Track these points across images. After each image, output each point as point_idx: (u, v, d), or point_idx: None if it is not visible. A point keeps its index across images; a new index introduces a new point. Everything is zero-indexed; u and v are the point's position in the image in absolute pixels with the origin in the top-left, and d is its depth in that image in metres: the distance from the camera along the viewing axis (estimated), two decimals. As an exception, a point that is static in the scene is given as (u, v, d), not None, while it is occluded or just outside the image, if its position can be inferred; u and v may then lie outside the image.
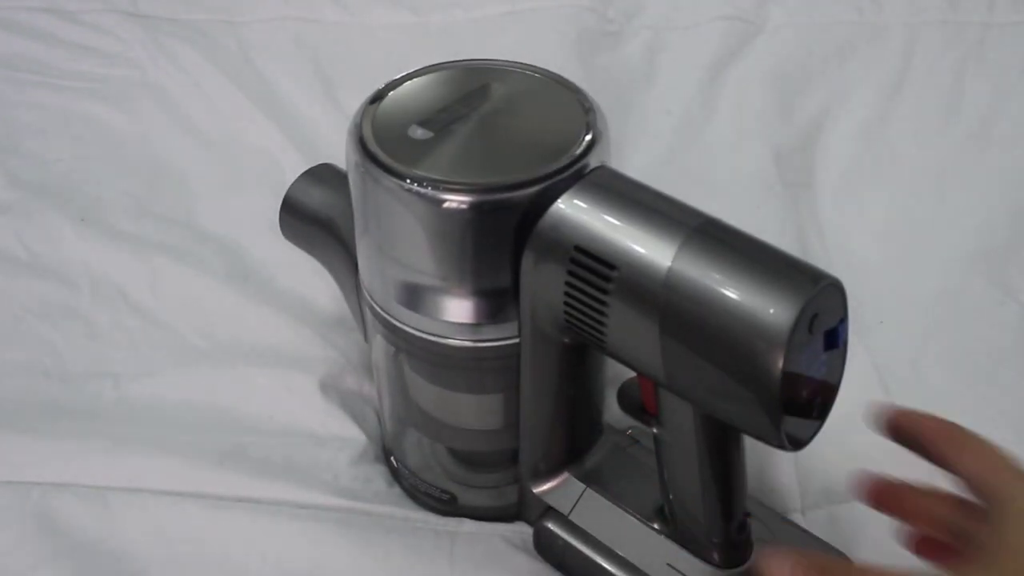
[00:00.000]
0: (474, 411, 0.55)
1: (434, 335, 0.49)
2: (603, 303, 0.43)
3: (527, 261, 0.45)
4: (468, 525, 0.57)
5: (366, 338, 0.58)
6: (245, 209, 0.79)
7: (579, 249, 0.43)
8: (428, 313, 0.48)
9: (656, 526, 0.52)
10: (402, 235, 0.46)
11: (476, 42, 1.00)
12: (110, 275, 0.73)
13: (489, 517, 0.58)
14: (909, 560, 0.56)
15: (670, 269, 0.41)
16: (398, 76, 0.51)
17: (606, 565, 0.52)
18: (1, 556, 0.54)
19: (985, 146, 0.87)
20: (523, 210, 0.44)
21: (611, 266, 0.42)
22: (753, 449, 0.47)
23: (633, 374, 0.47)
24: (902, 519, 0.46)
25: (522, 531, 0.57)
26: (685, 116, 0.91)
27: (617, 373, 0.50)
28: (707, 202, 0.44)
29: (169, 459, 0.59)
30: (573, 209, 0.44)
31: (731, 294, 0.39)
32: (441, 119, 0.48)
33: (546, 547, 0.55)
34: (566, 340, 0.48)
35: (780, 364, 0.38)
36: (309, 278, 0.71)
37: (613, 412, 0.53)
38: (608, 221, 0.43)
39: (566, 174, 0.45)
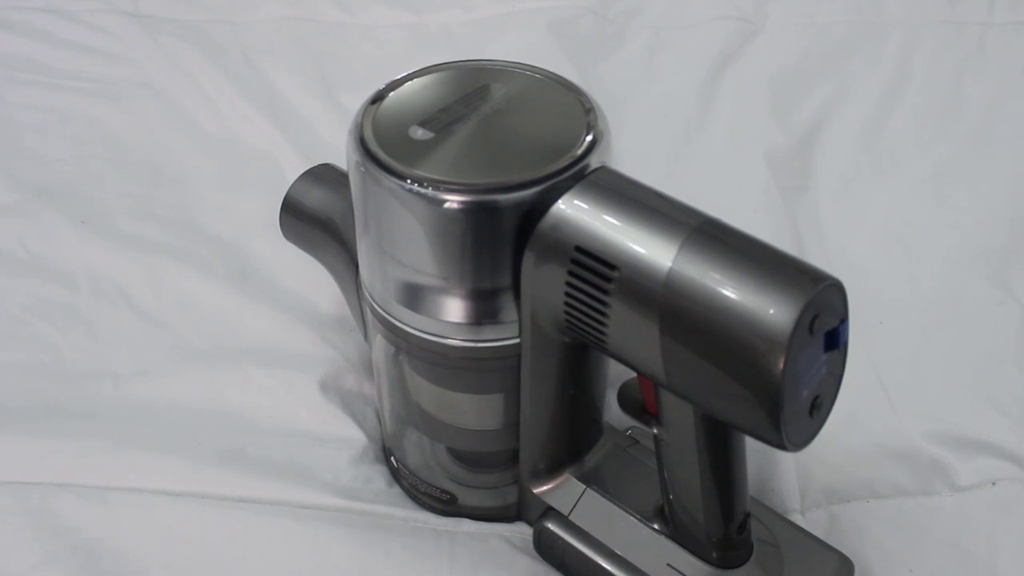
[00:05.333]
0: (474, 411, 0.55)
1: (434, 335, 0.49)
2: (604, 303, 0.43)
3: (527, 261, 0.45)
4: (468, 525, 0.57)
5: (366, 338, 0.58)
6: (245, 209, 0.79)
7: (580, 249, 0.43)
8: (428, 313, 0.48)
9: (656, 526, 0.52)
10: (402, 235, 0.46)
11: (476, 42, 1.00)
12: (110, 275, 0.73)
13: (489, 517, 0.58)
14: (907, 561, 0.56)
15: (670, 269, 0.41)
16: (399, 76, 0.51)
17: (606, 565, 0.52)
18: (1, 556, 0.54)
19: (985, 146, 0.87)
20: (524, 210, 0.44)
21: (612, 266, 0.42)
22: (753, 449, 0.47)
23: (633, 374, 0.47)
24: None
25: (522, 531, 0.57)
26: (683, 117, 0.91)
27: (617, 373, 0.50)
28: (703, 205, 0.44)
29: (169, 459, 0.59)
30: (574, 209, 0.44)
31: (731, 294, 0.39)
32: (442, 119, 0.48)
33: (546, 547, 0.55)
34: (566, 340, 0.48)
35: (780, 365, 0.38)
36: (309, 278, 0.71)
37: (613, 412, 0.53)
38: (609, 221, 0.43)
39: (567, 174, 0.45)
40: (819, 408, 0.42)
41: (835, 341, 0.41)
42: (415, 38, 1.01)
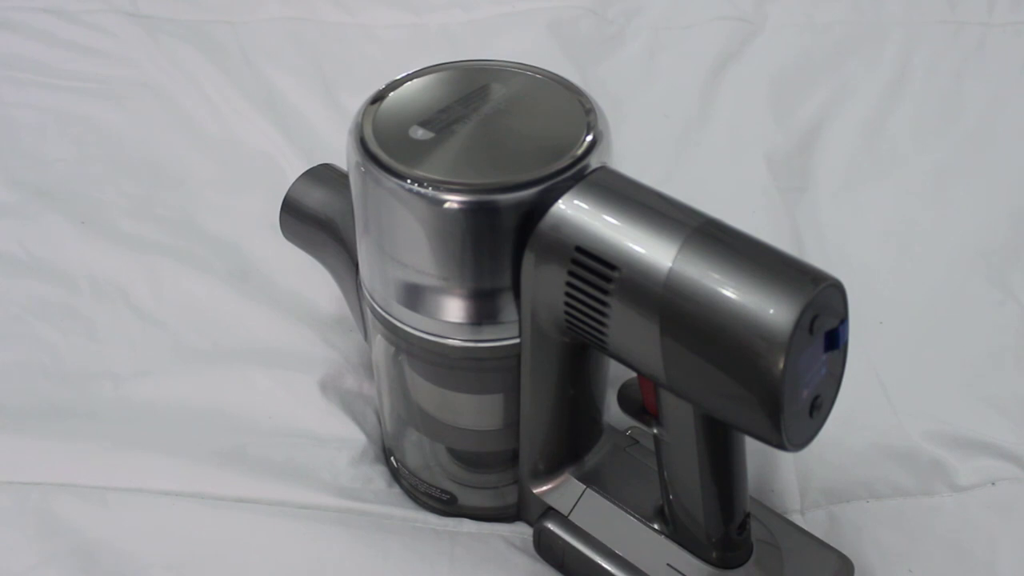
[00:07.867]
0: (474, 411, 0.55)
1: (434, 335, 0.49)
2: (604, 303, 0.43)
3: (527, 261, 0.45)
4: (468, 525, 0.57)
5: (366, 338, 0.58)
6: (245, 209, 0.79)
7: (580, 250, 0.43)
8: (428, 313, 0.48)
9: (656, 526, 0.52)
10: (402, 235, 0.46)
11: (476, 42, 1.00)
12: (110, 275, 0.73)
13: (489, 517, 0.58)
14: (907, 561, 0.56)
15: (671, 270, 0.41)
16: (399, 76, 0.51)
17: (606, 565, 0.52)
18: (1, 556, 0.54)
19: (985, 146, 0.87)
20: (524, 210, 0.44)
21: (612, 266, 0.42)
22: (753, 449, 0.47)
23: (633, 374, 0.47)
24: None
25: (522, 531, 0.57)
26: (683, 118, 0.91)
27: (617, 373, 0.50)
28: (703, 205, 0.44)
29: (169, 459, 0.59)
30: (574, 210, 0.44)
31: (732, 295, 0.39)
32: (442, 119, 0.48)
33: (546, 548, 0.55)
34: (566, 340, 0.48)
35: (780, 365, 0.38)
36: (309, 278, 0.71)
37: (613, 412, 0.53)
38: (609, 222, 0.43)
39: (567, 175, 0.45)
40: (819, 408, 0.42)
41: (835, 341, 0.41)
42: (415, 38, 1.01)
